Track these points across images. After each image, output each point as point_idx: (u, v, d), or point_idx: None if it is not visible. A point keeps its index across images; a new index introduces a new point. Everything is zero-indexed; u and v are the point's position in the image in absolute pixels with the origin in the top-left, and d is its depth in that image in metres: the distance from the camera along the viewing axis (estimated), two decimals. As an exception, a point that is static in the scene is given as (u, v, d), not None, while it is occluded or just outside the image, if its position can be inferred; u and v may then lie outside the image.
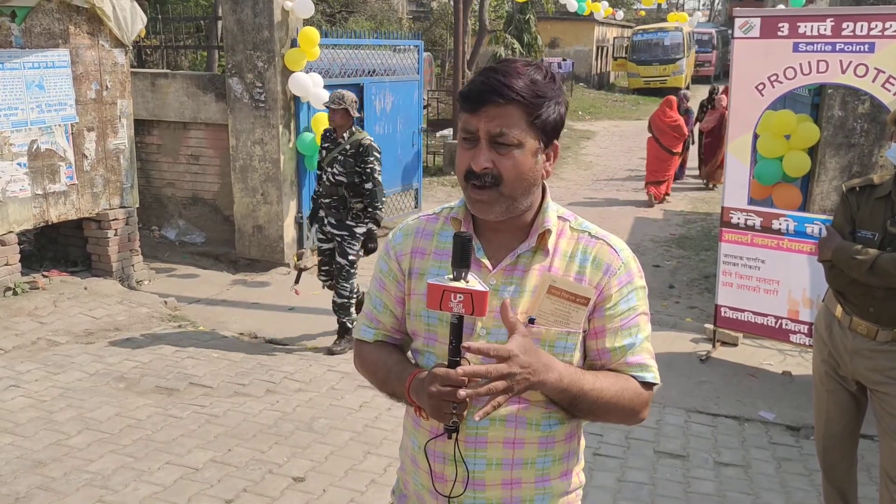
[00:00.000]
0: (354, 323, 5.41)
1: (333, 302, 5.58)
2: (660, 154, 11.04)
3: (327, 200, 5.51)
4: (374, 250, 5.52)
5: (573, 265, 1.56)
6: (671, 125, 10.98)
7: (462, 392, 1.39)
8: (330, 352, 5.50)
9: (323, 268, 5.74)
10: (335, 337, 5.65)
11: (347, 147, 5.42)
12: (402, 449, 1.75)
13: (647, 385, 1.58)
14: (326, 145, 5.58)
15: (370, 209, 5.44)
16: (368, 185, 5.38)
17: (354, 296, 5.59)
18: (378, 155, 5.45)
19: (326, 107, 5.56)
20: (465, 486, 1.54)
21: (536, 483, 1.58)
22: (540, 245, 1.56)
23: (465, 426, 1.51)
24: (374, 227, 5.51)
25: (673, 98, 11.48)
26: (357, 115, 5.51)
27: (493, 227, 1.58)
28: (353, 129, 5.49)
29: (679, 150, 11.19)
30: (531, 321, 1.52)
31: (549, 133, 1.52)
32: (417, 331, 1.63)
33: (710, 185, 12.29)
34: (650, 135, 11.21)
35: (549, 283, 1.52)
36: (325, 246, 5.65)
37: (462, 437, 1.52)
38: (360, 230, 5.49)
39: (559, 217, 1.60)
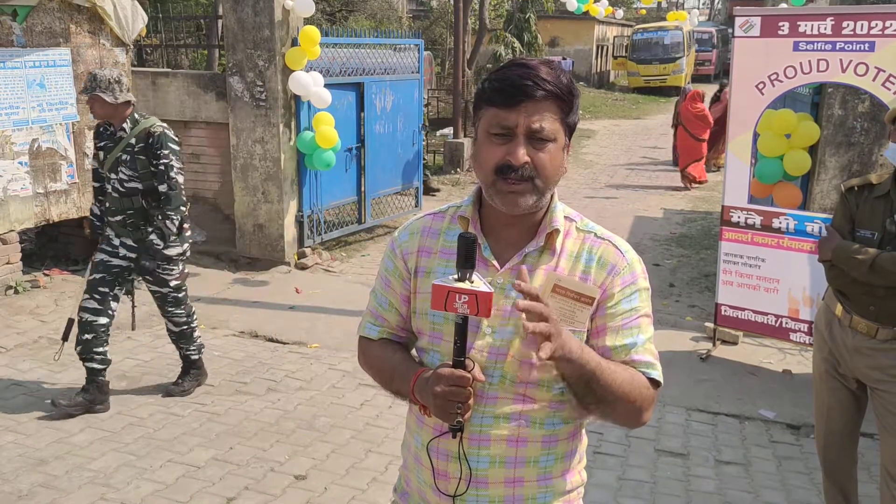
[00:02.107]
0: (200, 353, 4.64)
1: (169, 331, 4.55)
2: (688, 141, 12.32)
3: (119, 217, 4.16)
4: (150, 271, 4.20)
5: (578, 265, 1.57)
6: (697, 115, 12.21)
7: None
8: (168, 393, 4.56)
9: (100, 289, 4.19)
10: (179, 373, 4.68)
11: (133, 141, 4.07)
12: (405, 446, 1.75)
13: (653, 383, 1.57)
14: (103, 143, 4.20)
15: (160, 216, 4.09)
16: (163, 188, 4.07)
17: (193, 319, 4.54)
18: (175, 146, 4.10)
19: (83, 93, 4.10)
20: (469, 483, 1.54)
21: (539, 481, 1.58)
22: (547, 245, 1.57)
23: (469, 424, 1.51)
24: (159, 243, 4.10)
25: (701, 91, 12.85)
26: (120, 98, 4.01)
27: (501, 225, 1.58)
28: (136, 115, 4.12)
29: (705, 136, 12.36)
30: None
31: (572, 130, 1.55)
32: (423, 329, 1.64)
33: (713, 168, 13.38)
34: (680, 124, 12.53)
35: (554, 282, 1.52)
36: (115, 262, 4.24)
37: (466, 435, 1.52)
38: (173, 251, 4.19)
39: (565, 217, 1.61)
